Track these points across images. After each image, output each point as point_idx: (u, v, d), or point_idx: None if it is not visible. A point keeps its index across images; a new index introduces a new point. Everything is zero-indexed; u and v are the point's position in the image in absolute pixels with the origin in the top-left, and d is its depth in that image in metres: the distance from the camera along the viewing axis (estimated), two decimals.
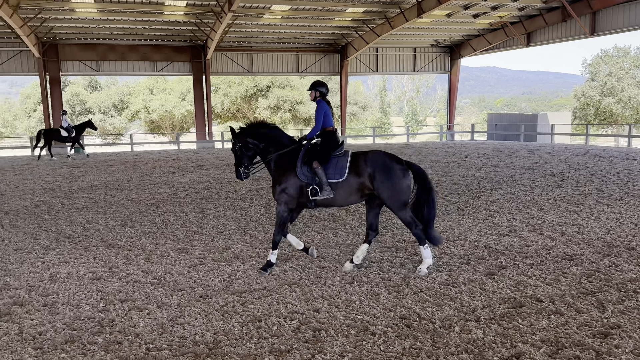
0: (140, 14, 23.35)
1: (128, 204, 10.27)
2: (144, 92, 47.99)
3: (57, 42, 27.47)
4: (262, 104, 46.11)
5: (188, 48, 29.64)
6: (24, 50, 27.22)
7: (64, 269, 5.91)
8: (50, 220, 8.81)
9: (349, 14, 25.12)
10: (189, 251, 6.69)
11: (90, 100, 46.74)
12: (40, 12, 21.95)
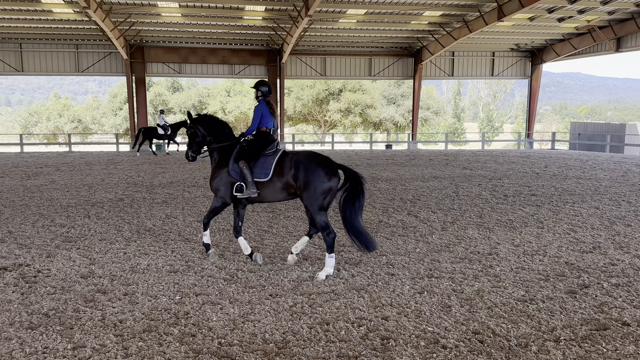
0: (221, 18, 24.26)
1: (204, 201, 10.66)
2: (221, 93, 49.85)
3: (143, 45, 29.14)
4: (333, 107, 46.40)
5: (264, 52, 30.41)
6: (113, 52, 29.10)
7: (143, 261, 6.23)
8: (132, 213, 9.32)
9: (426, 18, 24.69)
10: (260, 250, 6.82)
11: (171, 101, 49.17)
12: (129, 16, 23.39)
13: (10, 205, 9.96)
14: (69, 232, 7.69)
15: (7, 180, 14.06)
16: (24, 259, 6.23)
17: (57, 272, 5.69)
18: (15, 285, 5.24)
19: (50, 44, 28.60)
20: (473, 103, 64.58)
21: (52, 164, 19.00)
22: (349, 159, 21.60)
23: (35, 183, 13.38)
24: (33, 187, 12.54)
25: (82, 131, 51.10)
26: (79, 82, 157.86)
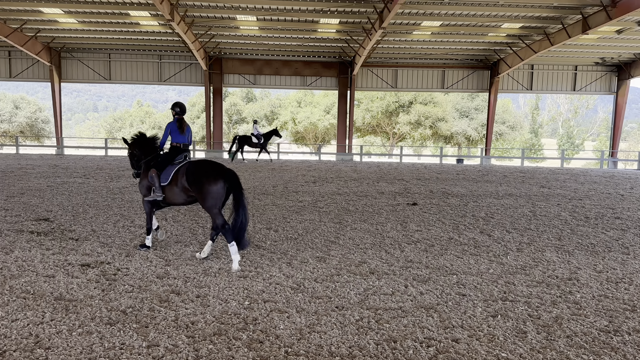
0: (296, 31, 24.80)
1: (273, 209, 10.85)
2: (292, 104, 50.87)
3: (221, 57, 30.35)
4: (403, 120, 45.94)
5: (336, 64, 30.72)
6: (194, 63, 30.53)
7: (215, 264, 6.41)
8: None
9: (504, 30, 23.94)
10: (327, 260, 6.82)
11: (245, 111, 50.78)
12: (210, 28, 24.46)
13: (95, 205, 10.63)
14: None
15: (92, 181, 15.05)
16: (105, 257, 6.61)
17: (135, 272, 5.98)
18: (96, 282, 5.55)
19: (136, 54, 30.48)
20: (552, 118, 61.64)
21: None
22: (418, 172, 21.23)
23: (118, 185, 14.21)
24: (115, 189, 13.33)
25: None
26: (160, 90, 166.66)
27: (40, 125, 52.34)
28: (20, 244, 7.08)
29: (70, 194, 12.20)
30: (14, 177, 15.51)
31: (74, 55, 30.36)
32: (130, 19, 23.26)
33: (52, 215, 9.40)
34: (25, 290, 5.18)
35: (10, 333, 4.17)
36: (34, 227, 8.27)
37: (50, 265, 6.12)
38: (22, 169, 18.14)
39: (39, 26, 25.23)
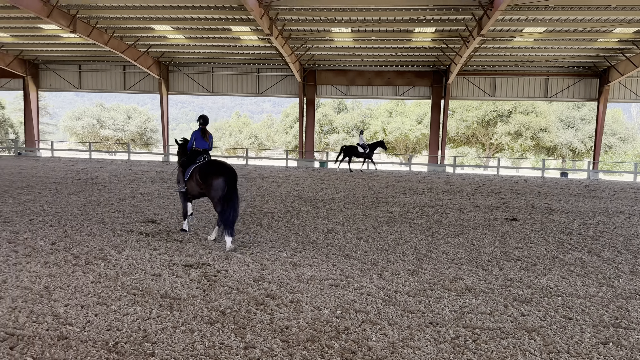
0: (390, 41, 24.73)
1: (363, 219, 10.83)
2: (383, 114, 50.68)
3: (315, 69, 31.03)
4: (501, 130, 43.94)
5: (430, 73, 30.17)
6: (289, 76, 31.50)
7: (307, 271, 6.50)
8: (298, 225, 9.86)
9: (616, 35, 22.16)
10: (419, 274, 6.65)
11: (336, 121, 51.42)
12: (305, 41, 25.12)
13: (197, 210, 11.26)
14: (243, 238, 8.40)
15: None
16: (206, 258, 6.96)
17: (233, 274, 6.23)
18: (198, 282, 5.86)
19: (236, 67, 32.08)
20: None
21: None
22: (517, 185, 20.15)
23: None
24: None
25: (257, 147, 56.12)
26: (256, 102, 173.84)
27: (149, 134, 56.76)
28: (131, 244, 7.67)
29: (176, 198, 13.04)
30: (125, 181, 16.90)
31: (181, 69, 32.61)
32: (232, 34, 24.56)
33: (159, 217, 10.09)
34: (135, 287, 5.59)
35: (122, 326, 4.52)
36: (143, 228, 8.93)
37: (157, 264, 6.56)
38: (132, 174, 19.73)
39: (150, 42, 27.42)
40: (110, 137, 55.94)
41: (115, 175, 18.83)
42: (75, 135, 56.27)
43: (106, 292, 5.37)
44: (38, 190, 13.77)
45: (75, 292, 5.34)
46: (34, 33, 26.36)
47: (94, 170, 21.40)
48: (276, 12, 20.73)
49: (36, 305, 4.92)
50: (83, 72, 33.68)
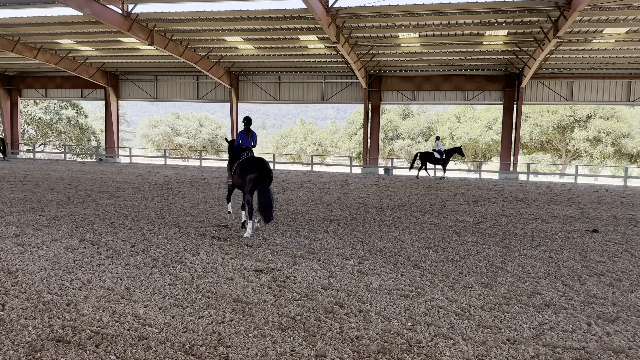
0: (459, 45, 24.15)
1: (431, 228, 10.58)
2: (451, 120, 49.53)
3: (381, 75, 30.87)
4: (579, 136, 41.63)
5: (501, 77, 29.16)
6: (354, 82, 31.54)
7: (376, 280, 6.42)
8: (364, 232, 9.79)
9: None
10: (493, 287, 6.38)
11: (401, 127, 50.86)
12: (372, 48, 25.05)
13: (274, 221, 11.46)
14: (311, 244, 8.45)
15: None
16: (275, 264, 7.06)
17: (302, 280, 6.27)
18: (268, 287, 5.94)
19: (302, 75, 32.54)
20: None
21: (297, 181, 21.40)
22: (597, 194, 18.95)
23: (284, 197, 15.20)
24: (282, 201, 14.26)
25: (321, 153, 56.58)
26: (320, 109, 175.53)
27: (220, 141, 58.75)
28: (205, 247, 7.93)
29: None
30: (198, 186, 17.56)
31: (249, 78, 33.54)
32: (299, 43, 24.97)
33: (230, 222, 10.38)
34: (209, 290, 5.76)
35: (198, 329, 4.66)
36: (215, 233, 9.21)
37: (229, 268, 6.73)
38: (204, 180, 20.47)
39: (222, 53, 28.43)
40: (183, 144, 58.49)
41: (188, 181, 19.61)
42: (151, 142, 59.34)
43: (182, 295, 5.57)
44: (118, 194, 14.59)
45: (153, 294, 5.58)
46: (115, 46, 28.09)
47: (168, 175, 22.41)
48: (343, 19, 20.84)
49: (118, 306, 5.18)
50: (159, 83, 35.47)
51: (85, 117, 56.04)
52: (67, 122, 53.33)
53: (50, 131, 53.73)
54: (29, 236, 8.37)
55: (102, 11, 20.14)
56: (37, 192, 14.49)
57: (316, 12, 17.61)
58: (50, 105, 52.69)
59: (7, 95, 37.89)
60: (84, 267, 6.59)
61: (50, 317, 4.82)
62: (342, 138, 57.87)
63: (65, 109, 53.45)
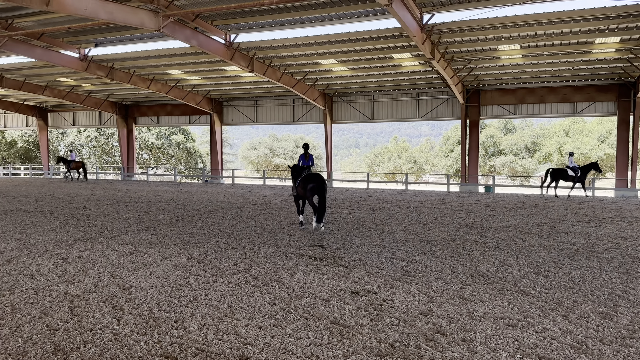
0: (565, 55, 22.72)
1: (540, 251, 9.86)
2: (558, 134, 46.45)
3: (479, 89, 29.81)
4: None
5: (614, 86, 26.92)
6: (450, 98, 30.76)
7: (480, 307, 6.07)
8: (465, 255, 9.35)
9: None
10: (614, 318, 5.75)
11: (503, 142, 48.55)
12: (469, 62, 24.32)
13: (359, 235, 11.42)
14: (408, 267, 8.23)
15: (357, 212, 16.30)
16: (371, 286, 6.95)
17: (400, 305, 6.09)
18: (365, 310, 5.84)
19: (396, 94, 32.38)
20: None
21: (391, 200, 21.14)
22: None
23: (378, 217, 15.05)
24: (377, 220, 14.13)
25: (416, 171, 55.60)
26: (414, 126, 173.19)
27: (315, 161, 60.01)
28: (301, 267, 8.03)
29: (339, 223, 13.43)
30: (294, 206, 17.96)
31: (343, 98, 34.01)
32: (393, 61, 24.92)
33: (325, 242, 10.45)
34: (306, 311, 5.78)
35: (296, 350, 4.68)
36: (312, 252, 9.31)
37: (326, 289, 6.73)
38: None
39: (317, 76, 29.16)
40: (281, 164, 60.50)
41: (285, 201, 20.16)
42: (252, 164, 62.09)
43: (281, 315, 5.65)
44: (221, 214, 15.35)
45: (254, 313, 5.72)
46: (218, 75, 29.94)
47: (267, 195, 23.22)
48: (439, 35, 20.48)
49: (222, 324, 5.37)
50: (259, 107, 37.16)
51: (193, 141, 60.11)
52: (177, 147, 57.54)
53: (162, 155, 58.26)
54: (142, 254, 9.03)
55: (207, 42, 21.60)
56: (149, 212, 15.67)
57: (410, 29, 17.48)
58: (162, 131, 57.24)
59: (124, 123, 41.75)
60: (190, 284, 6.95)
61: (160, 333, 5.11)
62: (438, 155, 56.48)
63: (175, 134, 57.75)
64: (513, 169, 45.91)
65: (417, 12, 18.04)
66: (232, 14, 20.02)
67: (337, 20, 19.80)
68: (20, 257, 8.73)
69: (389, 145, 69.16)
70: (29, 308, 5.87)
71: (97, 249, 9.44)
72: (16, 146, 56.78)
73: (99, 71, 27.52)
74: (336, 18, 19.69)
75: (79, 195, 21.97)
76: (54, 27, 20.54)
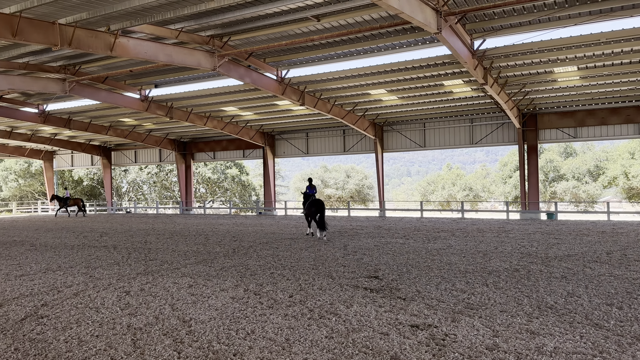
0: (627, 74, 21.78)
1: (611, 281, 9.24)
2: (623, 156, 44.09)
3: (536, 112, 28.95)
4: None
5: None
6: (505, 123, 30.00)
7: (549, 342, 5.71)
8: (530, 286, 8.89)
9: None
10: None
11: (563, 167, 46.64)
12: (524, 86, 23.74)
13: (416, 266, 11.13)
14: (469, 299, 7.90)
15: (411, 242, 15.97)
16: (432, 319, 6.70)
17: (463, 339, 5.83)
18: (427, 345, 5.62)
19: (448, 120, 31.95)
20: None
21: (447, 229, 20.59)
22: None
23: (435, 246, 14.66)
24: (433, 250, 13.76)
25: (473, 199, 54.15)
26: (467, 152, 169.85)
27: (366, 190, 59.81)
28: (357, 299, 7.88)
29: (394, 253, 13.18)
30: (347, 236, 17.85)
31: (394, 127, 33.92)
32: (444, 88, 24.71)
33: (381, 273, 10.25)
34: (365, 345, 5.63)
35: None
36: (367, 284, 9.14)
37: (384, 322, 6.55)
38: (353, 230, 20.78)
39: (367, 106, 29.32)
40: (332, 195, 60.62)
41: (338, 231, 20.08)
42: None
43: (339, 349, 5.53)
44: (276, 245, 15.45)
45: (311, 346, 5.63)
46: (271, 109, 30.70)
47: None
48: (490, 60, 20.17)
49: (279, 357, 5.31)
50: (309, 139, 37.66)
51: (247, 174, 61.50)
52: (232, 180, 59.02)
53: (217, 189, 59.86)
54: (201, 286, 9.17)
55: (260, 79, 22.28)
56: (207, 245, 16.00)
57: (461, 56, 17.33)
58: (217, 166, 58.97)
59: (182, 159, 43.36)
60: (248, 316, 6.97)
61: None
62: (495, 182, 54.89)
63: (230, 168, 59.33)
64: (576, 194, 43.78)
65: (467, 38, 17.89)
66: (283, 50, 20.62)
67: (386, 50, 19.95)
68: (86, 290, 9.08)
69: (442, 173, 67.97)
70: (95, 341, 6.05)
71: (157, 282, 9.68)
72: (82, 184, 60.04)
73: (158, 110, 28.89)
74: (385, 49, 19.85)
75: (140, 230, 22.81)
76: (117, 70, 21.86)
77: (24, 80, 22.07)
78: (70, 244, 16.99)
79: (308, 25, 17.63)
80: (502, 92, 23.33)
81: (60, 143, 42.63)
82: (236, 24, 17.84)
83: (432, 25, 14.48)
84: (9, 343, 6.03)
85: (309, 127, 36.87)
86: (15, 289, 9.29)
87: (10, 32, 14.33)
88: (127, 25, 16.63)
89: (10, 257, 14.00)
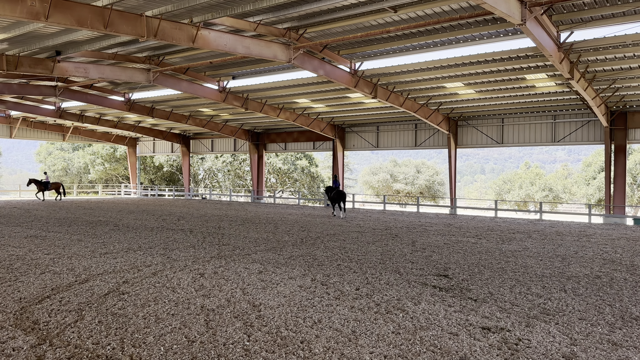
0: None
1: None
2: None
3: (626, 110, 26.95)
4: None
5: None
6: (591, 121, 28.17)
7: (634, 355, 5.31)
8: (613, 294, 8.33)
9: None
10: None
11: None
12: (614, 81, 22.15)
13: (489, 267, 10.74)
14: (546, 304, 7.53)
15: (484, 242, 15.43)
16: (504, 323, 6.45)
17: (538, 345, 5.56)
18: (499, 349, 5.42)
19: (528, 116, 30.44)
20: None
21: (523, 230, 19.70)
22: None
23: (509, 248, 14.08)
24: (507, 252, 13.22)
25: (552, 200, 51.45)
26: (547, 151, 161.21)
27: (437, 187, 58.47)
28: (426, 297, 7.74)
29: (465, 253, 12.80)
30: (416, 232, 17.55)
31: (469, 122, 32.81)
32: (525, 82, 23.54)
33: (450, 272, 10.00)
34: (433, 344, 5.53)
35: None
36: (436, 282, 8.95)
37: (453, 322, 6.39)
38: (422, 226, 20.40)
39: (441, 100, 28.55)
40: (401, 190, 59.86)
41: (406, 227, 19.80)
42: (372, 189, 62.27)
43: (406, 345, 5.46)
44: (343, 237, 15.50)
45: (378, 340, 5.60)
46: (342, 102, 30.69)
47: (387, 221, 23.02)
48: (578, 54, 18.94)
49: (346, 349, 5.33)
50: (380, 132, 37.32)
51: (316, 166, 62.08)
52: (301, 171, 59.85)
53: (287, 179, 60.93)
54: (270, 273, 9.40)
55: (333, 71, 22.32)
56: (276, 233, 16.36)
57: (546, 48, 16.39)
58: (288, 157, 60.01)
59: (255, 149, 44.50)
60: (315, 305, 7.05)
61: (287, 352, 5.22)
62: (577, 183, 51.74)
63: (300, 160, 60.16)
64: None
65: (553, 30, 16.90)
66: (357, 42, 20.50)
67: (465, 42, 19.27)
68: (163, 270, 9.59)
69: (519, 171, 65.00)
70: (170, 319, 6.38)
71: (230, 266, 10.03)
72: (162, 170, 63.29)
73: (235, 102, 29.79)
74: (464, 40, 19.18)
75: (215, 216, 23.72)
76: (197, 62, 22.74)
77: (113, 70, 23.52)
78: (150, 226, 17.99)
79: (384, 17, 17.38)
80: (589, 87, 21.87)
81: (143, 130, 45.15)
82: (312, 16, 17.94)
83: (515, 16, 13.79)
84: (93, 315, 6.49)
85: (380, 121, 36.52)
86: (99, 266, 9.99)
87: (102, 23, 15.29)
88: (208, 18, 17.21)
89: (96, 235, 15.06)
